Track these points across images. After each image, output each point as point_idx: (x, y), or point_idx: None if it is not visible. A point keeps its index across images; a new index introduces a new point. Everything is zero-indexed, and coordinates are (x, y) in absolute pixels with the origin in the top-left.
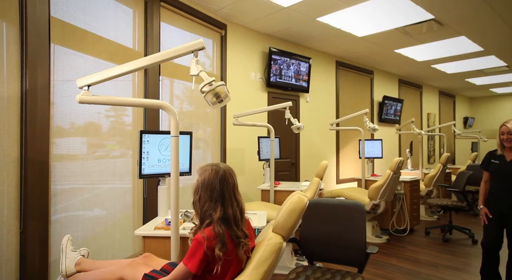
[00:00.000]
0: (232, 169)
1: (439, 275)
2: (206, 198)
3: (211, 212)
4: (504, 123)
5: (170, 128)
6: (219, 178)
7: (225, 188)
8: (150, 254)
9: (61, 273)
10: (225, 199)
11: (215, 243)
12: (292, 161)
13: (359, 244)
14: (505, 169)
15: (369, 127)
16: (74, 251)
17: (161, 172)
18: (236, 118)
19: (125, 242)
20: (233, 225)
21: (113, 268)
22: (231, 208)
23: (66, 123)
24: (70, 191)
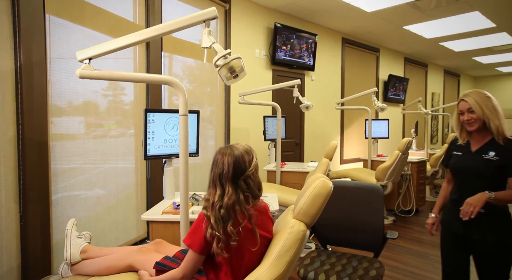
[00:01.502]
0: (248, 151)
1: None
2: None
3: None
4: (463, 97)
5: (179, 106)
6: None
7: (223, 173)
8: (161, 241)
9: (65, 260)
10: (221, 184)
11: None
12: (297, 141)
13: (376, 228)
14: (468, 163)
15: (378, 107)
16: (79, 237)
17: (167, 153)
18: (242, 97)
19: (129, 224)
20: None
21: (121, 254)
22: (226, 196)
23: (64, 102)
24: (70, 170)
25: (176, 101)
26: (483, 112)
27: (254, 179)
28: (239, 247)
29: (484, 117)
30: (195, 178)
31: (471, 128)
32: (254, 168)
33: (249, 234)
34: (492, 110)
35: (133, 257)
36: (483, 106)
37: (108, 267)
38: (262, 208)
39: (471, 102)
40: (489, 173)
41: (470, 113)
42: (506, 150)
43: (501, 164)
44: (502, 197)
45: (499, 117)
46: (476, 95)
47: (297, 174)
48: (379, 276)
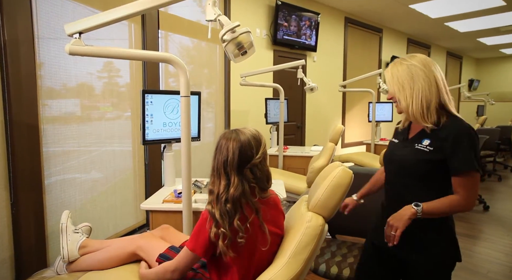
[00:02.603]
0: (256, 137)
1: None
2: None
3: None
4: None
5: (180, 87)
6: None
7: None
8: (168, 227)
9: (62, 258)
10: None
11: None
12: (298, 124)
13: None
14: (397, 154)
15: (383, 89)
16: (76, 231)
17: (167, 137)
18: (244, 78)
19: (127, 211)
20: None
21: (125, 242)
22: (233, 187)
23: (57, 84)
24: (64, 154)
25: (173, 84)
26: (393, 90)
27: (261, 168)
28: (248, 245)
29: (395, 95)
30: (193, 162)
31: (397, 110)
32: (262, 156)
33: (257, 230)
34: (402, 85)
35: (137, 243)
36: (394, 81)
37: (110, 257)
38: (271, 200)
39: (387, 76)
40: (420, 168)
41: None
42: (441, 134)
43: (436, 157)
44: (432, 210)
45: (415, 96)
46: (396, 65)
47: (300, 158)
48: None
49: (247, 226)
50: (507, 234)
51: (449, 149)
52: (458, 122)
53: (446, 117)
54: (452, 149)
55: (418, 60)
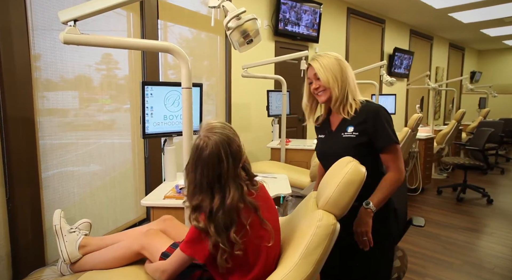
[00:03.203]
0: (230, 128)
1: (460, 238)
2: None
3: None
4: (309, 61)
5: (181, 78)
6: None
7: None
8: (171, 218)
9: (63, 261)
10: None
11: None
12: (299, 117)
13: (398, 212)
14: (328, 147)
15: (387, 81)
16: (72, 231)
17: (168, 131)
18: (245, 69)
19: (127, 205)
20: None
21: (128, 242)
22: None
23: (56, 76)
24: (62, 147)
25: (172, 76)
26: (327, 80)
27: (247, 160)
28: (252, 246)
29: (328, 84)
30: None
31: (320, 99)
32: (244, 150)
33: (259, 229)
34: (337, 75)
35: (141, 242)
36: (327, 71)
37: (116, 258)
38: (261, 191)
39: (316, 66)
40: (352, 154)
41: (317, 80)
42: (360, 118)
43: (362, 140)
44: (380, 199)
45: (344, 85)
46: (323, 57)
47: (303, 151)
48: (404, 266)
49: (247, 229)
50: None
51: (371, 129)
52: (370, 104)
53: (359, 103)
54: (374, 129)
55: (339, 56)
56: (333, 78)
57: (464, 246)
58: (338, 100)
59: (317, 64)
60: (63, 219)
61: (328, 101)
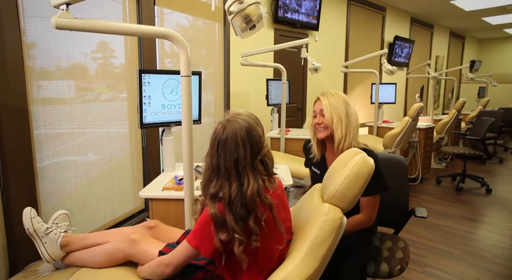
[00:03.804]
0: (256, 121)
1: (459, 227)
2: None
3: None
4: (319, 96)
5: (180, 66)
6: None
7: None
8: (156, 224)
9: (46, 262)
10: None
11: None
12: (298, 106)
13: (400, 203)
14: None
15: (387, 70)
16: (49, 231)
17: (166, 120)
18: (245, 57)
19: (125, 196)
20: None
21: (112, 248)
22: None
23: (51, 64)
24: (57, 136)
25: (170, 64)
26: (331, 118)
27: (270, 156)
28: (264, 244)
29: (331, 123)
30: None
31: (319, 135)
32: (267, 144)
33: (272, 228)
34: (342, 117)
35: (125, 250)
36: (334, 111)
37: (101, 263)
38: (279, 188)
39: (325, 102)
40: None
41: (322, 116)
42: None
43: None
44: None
45: (348, 128)
46: (333, 96)
47: (302, 141)
48: (406, 257)
49: (262, 225)
50: (511, 217)
51: None
52: (368, 151)
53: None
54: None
55: (347, 98)
56: (337, 118)
57: (463, 236)
58: (341, 143)
59: (326, 101)
60: (36, 219)
61: (326, 139)
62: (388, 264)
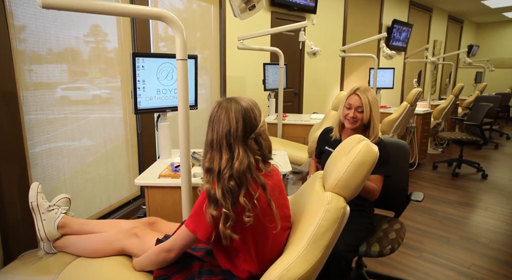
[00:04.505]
0: (255, 104)
1: (455, 212)
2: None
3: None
4: (355, 91)
5: (176, 49)
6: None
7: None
8: (156, 219)
9: (40, 240)
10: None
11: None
12: (296, 91)
13: (400, 187)
14: None
15: (386, 54)
16: (51, 209)
17: (161, 106)
18: (241, 41)
19: (120, 182)
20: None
21: (111, 237)
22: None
23: (42, 48)
24: (49, 122)
25: (164, 48)
26: (370, 115)
27: (265, 137)
28: (257, 226)
29: (369, 120)
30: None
31: (351, 126)
32: (263, 124)
33: (266, 208)
34: (378, 114)
35: (124, 241)
36: (373, 108)
37: (95, 251)
38: (274, 174)
39: (365, 101)
40: None
41: (357, 112)
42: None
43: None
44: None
45: (375, 127)
46: (370, 94)
47: (300, 126)
48: (399, 238)
49: (255, 202)
50: (506, 202)
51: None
52: (383, 141)
53: (378, 138)
54: (382, 161)
55: (374, 94)
56: (376, 115)
57: (460, 221)
58: (376, 134)
59: (366, 100)
60: (41, 194)
61: (355, 128)
62: (379, 244)
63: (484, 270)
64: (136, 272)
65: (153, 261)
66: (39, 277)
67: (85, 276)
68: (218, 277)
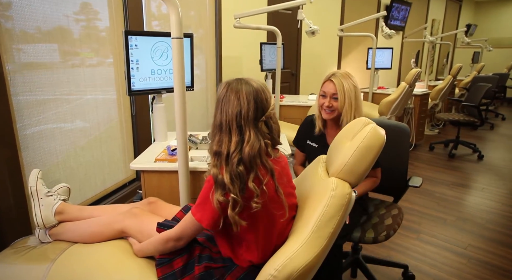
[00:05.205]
0: (266, 86)
1: (452, 194)
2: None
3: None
4: (330, 77)
5: (171, 27)
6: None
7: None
8: (156, 200)
9: (37, 226)
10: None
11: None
12: (292, 72)
13: (400, 172)
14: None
15: (385, 33)
16: (50, 195)
17: (156, 87)
18: (238, 19)
19: (115, 165)
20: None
21: (109, 219)
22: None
23: (31, 27)
24: (39, 103)
25: (157, 28)
26: (344, 104)
27: (275, 120)
28: (263, 212)
29: (342, 108)
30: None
31: (325, 116)
32: (273, 107)
33: (273, 195)
34: (352, 103)
35: (124, 222)
36: (347, 96)
37: (93, 234)
38: (282, 160)
39: (339, 87)
40: None
41: (333, 99)
42: None
43: None
44: (363, 191)
45: (356, 113)
46: (345, 80)
47: (297, 108)
48: (396, 224)
49: (263, 188)
50: (502, 183)
51: None
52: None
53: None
54: None
55: (355, 78)
56: (349, 104)
57: (457, 202)
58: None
59: (340, 86)
60: (41, 180)
61: (333, 119)
62: (374, 230)
63: (481, 251)
64: (136, 256)
65: (159, 250)
66: (32, 266)
67: (83, 262)
68: (218, 264)
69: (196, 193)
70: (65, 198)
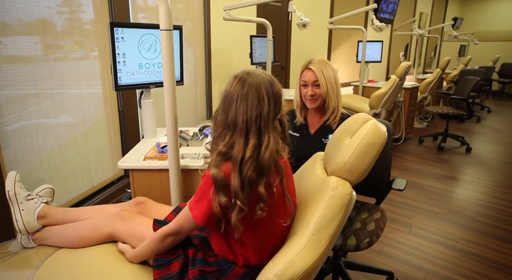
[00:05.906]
0: (274, 78)
1: (443, 187)
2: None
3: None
4: (307, 65)
5: (159, 19)
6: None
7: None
8: (145, 200)
9: (18, 232)
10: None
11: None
12: (282, 65)
13: (382, 172)
14: (309, 150)
15: (376, 26)
16: (30, 198)
17: (144, 81)
18: (227, 11)
19: (103, 163)
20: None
21: (98, 221)
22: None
23: (12, 19)
24: (19, 99)
25: (144, 20)
26: (327, 90)
27: (285, 116)
28: (267, 218)
29: (326, 94)
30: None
31: (311, 105)
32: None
33: (279, 199)
34: (334, 87)
35: (113, 225)
36: (328, 82)
37: (81, 238)
38: (285, 157)
39: (318, 74)
40: None
41: (315, 87)
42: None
43: None
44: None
45: (338, 97)
46: (324, 66)
47: (287, 102)
48: (379, 229)
49: (273, 191)
50: (490, 175)
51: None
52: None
53: (340, 114)
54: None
55: (332, 65)
56: (332, 89)
57: (447, 195)
58: (333, 110)
59: (320, 73)
60: (19, 183)
61: (317, 107)
62: (356, 237)
63: (472, 244)
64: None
65: (158, 248)
66: (14, 272)
67: (69, 268)
68: (212, 268)
69: (187, 192)
70: (49, 200)
